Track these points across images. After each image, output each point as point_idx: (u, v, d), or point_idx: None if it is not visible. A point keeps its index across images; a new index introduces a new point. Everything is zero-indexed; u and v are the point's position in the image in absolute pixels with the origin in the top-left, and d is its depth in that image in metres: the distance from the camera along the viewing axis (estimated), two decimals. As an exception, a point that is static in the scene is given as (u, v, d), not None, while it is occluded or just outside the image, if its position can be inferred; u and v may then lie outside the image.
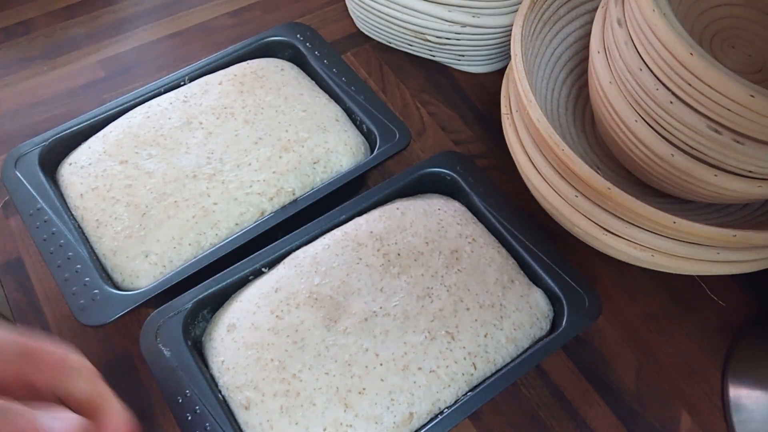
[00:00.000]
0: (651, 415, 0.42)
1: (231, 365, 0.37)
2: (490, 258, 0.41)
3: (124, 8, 0.61)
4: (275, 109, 0.46)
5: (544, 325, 0.40)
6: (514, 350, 0.39)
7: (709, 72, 0.33)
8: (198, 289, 0.39)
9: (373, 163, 0.45)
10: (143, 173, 0.43)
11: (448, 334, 0.38)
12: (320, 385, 0.36)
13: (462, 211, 0.44)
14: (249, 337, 0.37)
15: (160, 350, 0.37)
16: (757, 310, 0.47)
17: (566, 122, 0.49)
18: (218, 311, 0.40)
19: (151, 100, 0.47)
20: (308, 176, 0.44)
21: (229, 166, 0.44)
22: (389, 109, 0.47)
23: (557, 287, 0.41)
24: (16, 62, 0.57)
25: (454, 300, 0.39)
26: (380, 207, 0.44)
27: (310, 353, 0.36)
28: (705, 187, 0.38)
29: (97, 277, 0.39)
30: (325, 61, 0.50)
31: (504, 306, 0.39)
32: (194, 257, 0.41)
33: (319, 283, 0.39)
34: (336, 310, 0.38)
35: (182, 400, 0.35)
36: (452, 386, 0.37)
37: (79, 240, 0.40)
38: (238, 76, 0.48)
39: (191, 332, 0.39)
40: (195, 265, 0.40)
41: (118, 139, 0.44)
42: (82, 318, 0.38)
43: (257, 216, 0.43)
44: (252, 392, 0.36)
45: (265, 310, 0.38)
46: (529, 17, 0.44)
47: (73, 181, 0.43)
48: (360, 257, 0.40)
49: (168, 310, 0.38)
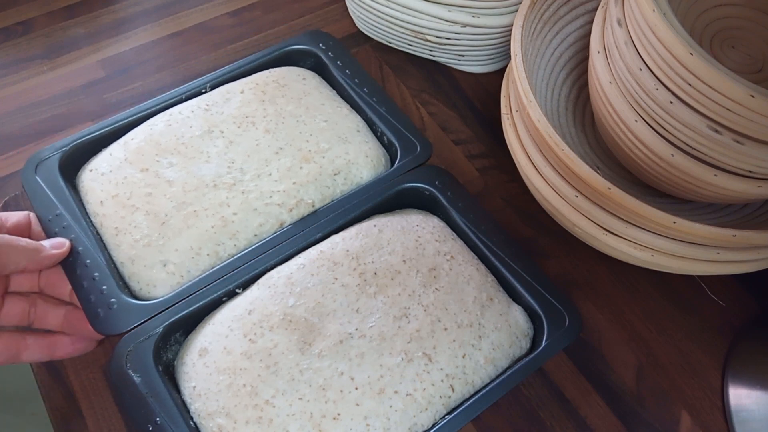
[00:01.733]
0: (651, 415, 0.42)
1: (203, 391, 0.36)
2: (469, 276, 0.41)
3: (124, 8, 0.61)
4: (296, 119, 0.46)
5: (523, 344, 0.39)
6: (493, 371, 0.38)
7: (709, 72, 0.33)
8: (170, 312, 0.38)
9: (394, 176, 0.44)
10: (163, 181, 0.43)
11: (425, 356, 0.37)
12: (294, 411, 0.35)
13: (441, 227, 0.43)
14: (221, 361, 0.36)
15: (130, 376, 0.36)
16: (757, 310, 0.47)
17: (566, 122, 0.49)
18: (191, 334, 0.39)
19: (172, 108, 0.47)
20: (328, 188, 0.44)
21: (249, 175, 0.43)
22: (411, 122, 0.47)
23: (537, 305, 0.40)
24: (16, 62, 0.57)
25: (431, 320, 0.38)
26: (357, 224, 0.43)
27: (283, 378, 0.36)
28: (705, 187, 0.38)
29: (114, 286, 0.39)
30: (347, 71, 0.50)
31: (483, 325, 0.39)
32: (212, 267, 0.40)
33: (294, 304, 0.38)
34: (310, 332, 0.37)
35: (152, 428, 0.34)
36: (429, 409, 0.36)
37: (97, 247, 0.40)
38: (260, 84, 0.48)
39: (163, 356, 0.38)
40: (211, 277, 0.40)
41: (139, 146, 0.44)
42: (98, 327, 0.37)
43: (276, 227, 0.42)
44: (224, 419, 0.35)
45: (237, 334, 0.37)
46: (529, 17, 0.44)
47: (93, 188, 0.43)
48: (336, 277, 0.39)
49: (138, 333, 0.37)
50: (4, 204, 0.48)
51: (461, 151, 0.53)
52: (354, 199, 0.44)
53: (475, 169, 0.52)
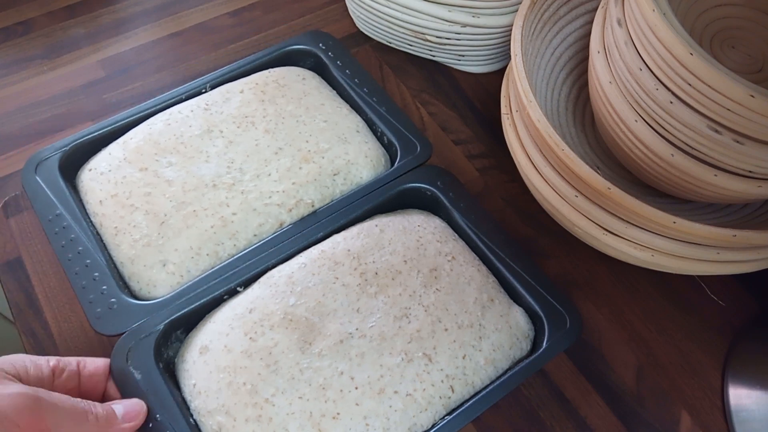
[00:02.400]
0: (651, 415, 0.42)
1: (203, 389, 0.36)
2: (470, 276, 0.41)
3: (124, 8, 0.61)
4: (296, 119, 0.46)
5: (524, 346, 0.40)
6: (493, 372, 0.38)
7: (709, 72, 0.33)
8: (171, 310, 0.38)
9: (393, 177, 0.44)
10: (163, 181, 0.43)
11: (425, 356, 0.37)
12: (293, 410, 0.35)
13: (442, 228, 0.43)
14: (221, 359, 0.36)
15: (131, 373, 0.36)
16: (757, 310, 0.47)
17: (566, 122, 0.49)
18: (191, 332, 0.39)
19: (172, 107, 0.47)
20: (328, 188, 0.44)
21: (248, 175, 0.43)
22: (411, 122, 0.47)
23: (538, 306, 0.40)
24: (16, 62, 0.57)
25: (432, 320, 0.38)
26: (359, 224, 0.43)
27: (283, 377, 0.36)
28: (705, 187, 0.38)
29: (114, 286, 0.39)
30: (347, 71, 0.50)
31: (483, 326, 0.39)
32: (212, 267, 0.40)
33: (294, 303, 0.38)
34: (311, 331, 0.37)
35: (153, 425, 0.35)
36: (429, 410, 0.36)
37: (97, 247, 0.40)
38: (260, 84, 0.48)
39: (163, 354, 0.38)
40: (212, 275, 0.40)
41: (138, 146, 0.44)
42: (99, 327, 0.37)
43: (276, 227, 0.42)
44: (224, 417, 0.35)
45: (238, 332, 0.37)
46: (529, 17, 0.44)
47: (93, 188, 0.43)
48: (336, 276, 0.39)
49: (140, 331, 0.37)
50: (4, 204, 0.48)
51: (461, 151, 0.53)
52: (355, 198, 0.44)
53: (475, 169, 0.52)
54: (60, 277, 0.45)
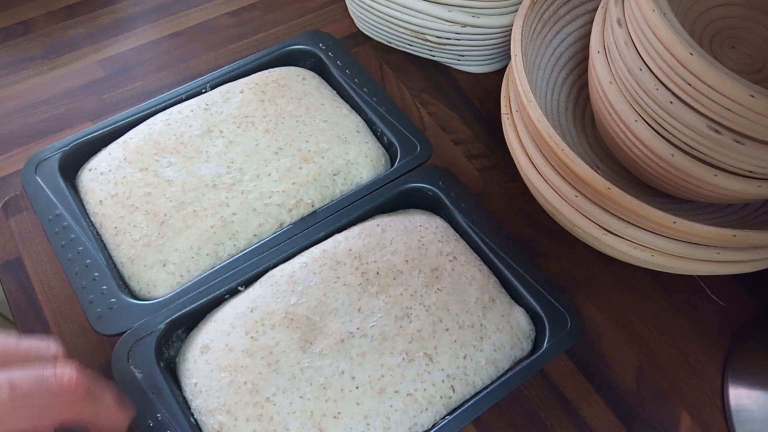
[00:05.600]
0: (651, 415, 0.42)
1: (204, 388, 0.36)
2: (471, 277, 0.41)
3: (124, 8, 0.61)
4: (296, 119, 0.46)
5: (525, 346, 0.40)
6: (494, 372, 0.38)
7: (709, 72, 0.33)
8: (172, 309, 0.38)
9: (393, 177, 0.44)
10: (163, 181, 0.43)
11: (426, 356, 0.37)
12: (294, 409, 0.35)
13: (444, 228, 0.43)
14: (222, 358, 0.36)
15: (132, 372, 0.36)
16: (757, 310, 0.47)
17: (566, 122, 0.49)
18: (193, 331, 0.39)
19: (172, 107, 0.47)
20: (328, 188, 0.44)
21: (248, 175, 0.43)
22: (411, 122, 0.47)
23: (539, 306, 0.40)
24: (16, 62, 0.57)
25: (433, 320, 0.38)
26: (360, 223, 0.43)
27: (284, 376, 0.36)
28: (705, 187, 0.38)
29: (114, 286, 0.39)
30: (347, 71, 0.50)
31: (484, 326, 0.39)
32: (212, 267, 0.40)
33: (296, 302, 0.38)
34: (312, 331, 0.37)
35: (153, 424, 0.35)
36: (430, 410, 0.36)
37: (97, 247, 0.40)
38: (260, 84, 0.48)
39: (165, 353, 0.38)
40: (213, 275, 0.40)
41: (138, 146, 0.44)
42: (99, 327, 0.37)
43: (276, 227, 0.42)
44: (224, 416, 0.35)
45: (239, 331, 0.37)
46: (529, 17, 0.44)
47: (93, 188, 0.43)
48: (338, 276, 0.39)
49: (141, 330, 0.37)
50: (4, 204, 0.48)
51: (461, 151, 0.53)
52: (355, 198, 0.44)
53: (475, 169, 0.52)
54: (60, 277, 0.45)
